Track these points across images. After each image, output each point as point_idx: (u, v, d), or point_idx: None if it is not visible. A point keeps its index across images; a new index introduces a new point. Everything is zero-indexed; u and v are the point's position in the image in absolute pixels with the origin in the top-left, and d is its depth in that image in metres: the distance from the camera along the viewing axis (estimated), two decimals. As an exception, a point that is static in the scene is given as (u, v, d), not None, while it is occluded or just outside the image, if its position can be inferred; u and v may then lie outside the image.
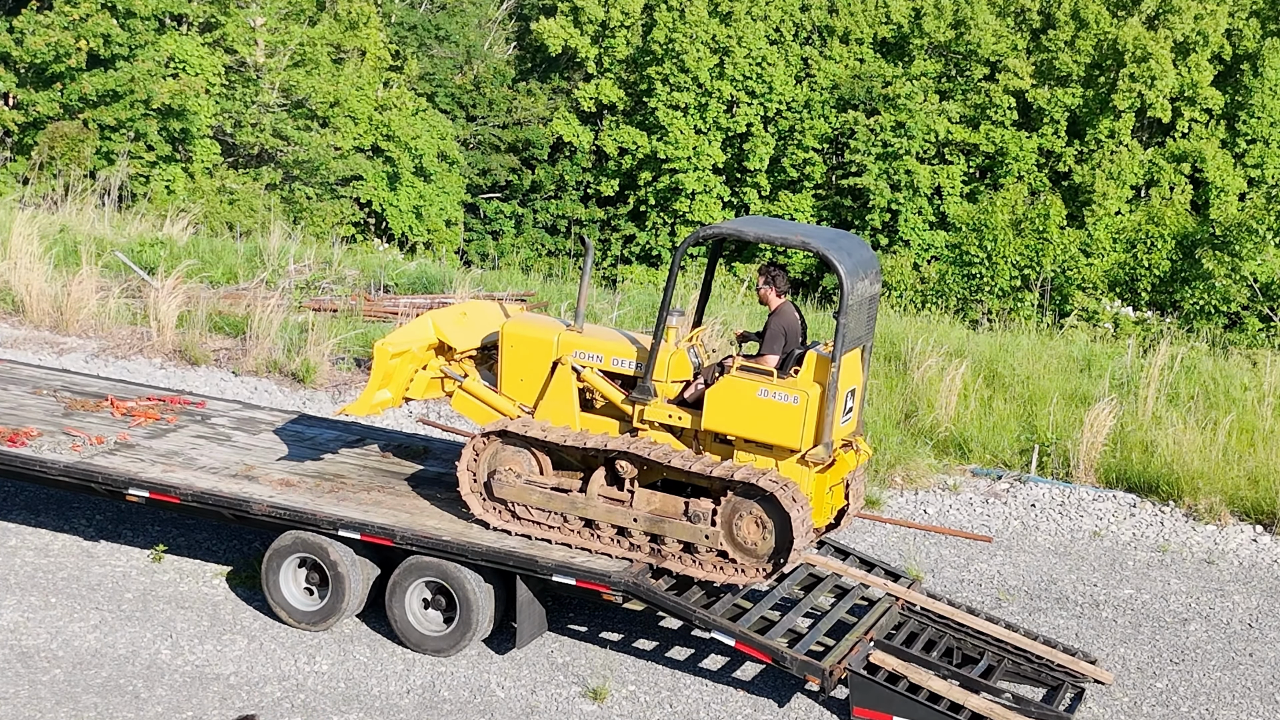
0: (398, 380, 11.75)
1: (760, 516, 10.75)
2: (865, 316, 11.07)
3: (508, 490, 11.34)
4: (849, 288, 10.56)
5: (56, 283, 20.02)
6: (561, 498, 11.22)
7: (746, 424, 10.82)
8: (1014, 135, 41.78)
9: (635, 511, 11.04)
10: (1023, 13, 44.16)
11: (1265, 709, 11.33)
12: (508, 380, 11.65)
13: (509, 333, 11.65)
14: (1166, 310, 34.86)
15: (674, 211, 44.85)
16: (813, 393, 10.67)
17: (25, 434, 12.72)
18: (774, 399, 10.69)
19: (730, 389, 10.82)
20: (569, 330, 11.55)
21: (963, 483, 15.62)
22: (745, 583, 10.94)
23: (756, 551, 10.83)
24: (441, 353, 11.96)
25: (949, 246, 38.92)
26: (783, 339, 11.12)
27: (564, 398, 11.42)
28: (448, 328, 11.87)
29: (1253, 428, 16.13)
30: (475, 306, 12.39)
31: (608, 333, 11.84)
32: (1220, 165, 39.95)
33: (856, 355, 11.10)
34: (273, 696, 10.56)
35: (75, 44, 31.80)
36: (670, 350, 11.23)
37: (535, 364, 11.52)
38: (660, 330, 11.16)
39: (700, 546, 10.94)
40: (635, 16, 47.11)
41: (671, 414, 11.14)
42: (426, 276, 22.38)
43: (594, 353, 11.40)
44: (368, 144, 39.90)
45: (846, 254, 10.78)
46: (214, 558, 12.81)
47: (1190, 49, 41.04)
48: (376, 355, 11.56)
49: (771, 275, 11.35)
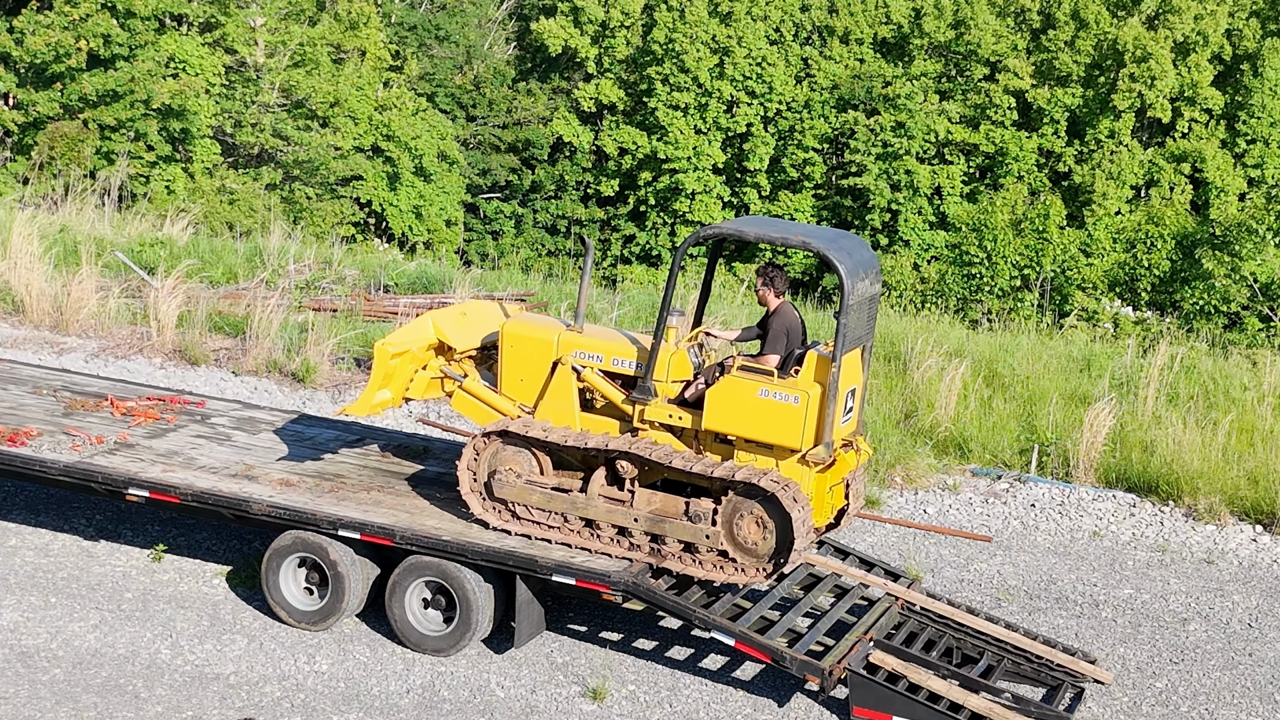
0: (398, 380, 11.76)
1: (761, 516, 10.76)
2: (865, 316, 11.08)
3: (508, 490, 11.35)
4: (849, 287, 10.57)
5: (56, 283, 20.02)
6: (562, 498, 11.22)
7: (747, 424, 10.82)
8: (1014, 135, 41.79)
9: (636, 511, 11.05)
10: (1023, 13, 44.16)
11: (1265, 709, 11.33)
12: (508, 380, 11.66)
13: (509, 333, 11.66)
14: (1166, 310, 34.86)
15: (674, 211, 44.85)
16: (813, 393, 10.68)
17: (25, 434, 12.72)
18: (774, 399, 10.70)
19: (731, 389, 10.82)
20: (569, 330, 11.56)
21: (962, 482, 15.63)
22: (745, 582, 10.95)
23: (757, 551, 10.84)
24: (441, 353, 11.97)
25: (949, 246, 38.93)
26: (784, 339, 11.13)
27: (564, 398, 11.43)
28: (448, 328, 11.88)
29: (1252, 428, 16.13)
30: (475, 306, 12.40)
31: (608, 333, 11.85)
32: (1220, 165, 39.95)
33: (857, 355, 11.11)
34: (272, 696, 10.56)
35: (75, 44, 31.79)
36: (671, 350, 11.24)
37: (535, 364, 11.52)
38: (661, 330, 11.16)
39: (701, 546, 10.95)
40: (635, 16, 47.11)
41: (672, 414, 11.15)
42: (426, 276, 22.38)
43: (594, 353, 11.40)
44: (368, 144, 39.90)
45: (847, 254, 10.79)
46: (214, 557, 12.81)
47: (1190, 49, 41.05)
48: (377, 355, 11.57)
49: (770, 276, 11.36)
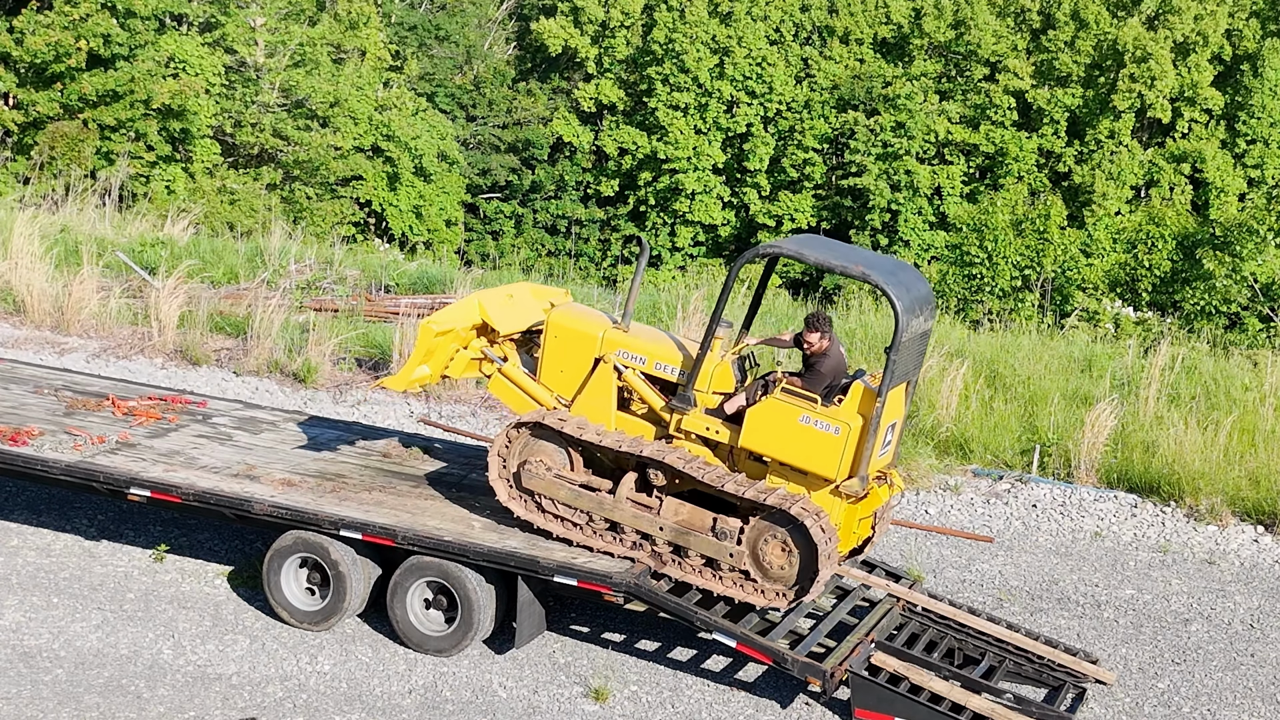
0: (438, 358, 11.67)
1: (787, 542, 10.67)
2: (915, 352, 10.95)
3: (536, 482, 11.29)
4: (903, 324, 10.44)
5: (57, 283, 20.01)
6: (589, 496, 11.16)
7: (785, 448, 10.73)
8: (1014, 135, 41.79)
9: (662, 520, 10.96)
10: (1023, 13, 44.17)
11: (1267, 709, 11.33)
12: (548, 370, 11.57)
13: (554, 322, 11.57)
14: (1167, 310, 34.83)
15: (674, 211, 44.87)
16: (855, 424, 10.57)
17: (27, 433, 12.71)
18: (816, 427, 10.60)
19: (773, 411, 10.72)
20: (615, 328, 11.45)
21: (964, 483, 15.62)
22: (764, 605, 10.86)
23: (779, 576, 10.76)
24: (484, 333, 11.87)
25: (949, 247, 38.88)
26: (827, 381, 10.93)
27: (602, 396, 11.35)
28: (493, 310, 11.76)
29: (1254, 428, 16.12)
30: (522, 290, 12.28)
31: (654, 334, 11.71)
32: (1220, 165, 39.96)
33: (901, 389, 11.00)
34: (275, 697, 10.56)
35: (75, 44, 31.76)
36: (716, 361, 11.15)
37: (577, 358, 11.43)
38: (708, 341, 11.04)
39: (724, 564, 10.87)
40: (635, 16, 47.12)
41: (710, 426, 11.05)
42: (427, 276, 22.37)
43: (638, 354, 11.31)
44: (368, 144, 39.90)
45: (905, 289, 10.64)
46: (216, 558, 12.81)
47: (1190, 49, 41.05)
48: (420, 333, 11.49)
49: (818, 324, 11.05)
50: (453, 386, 17.26)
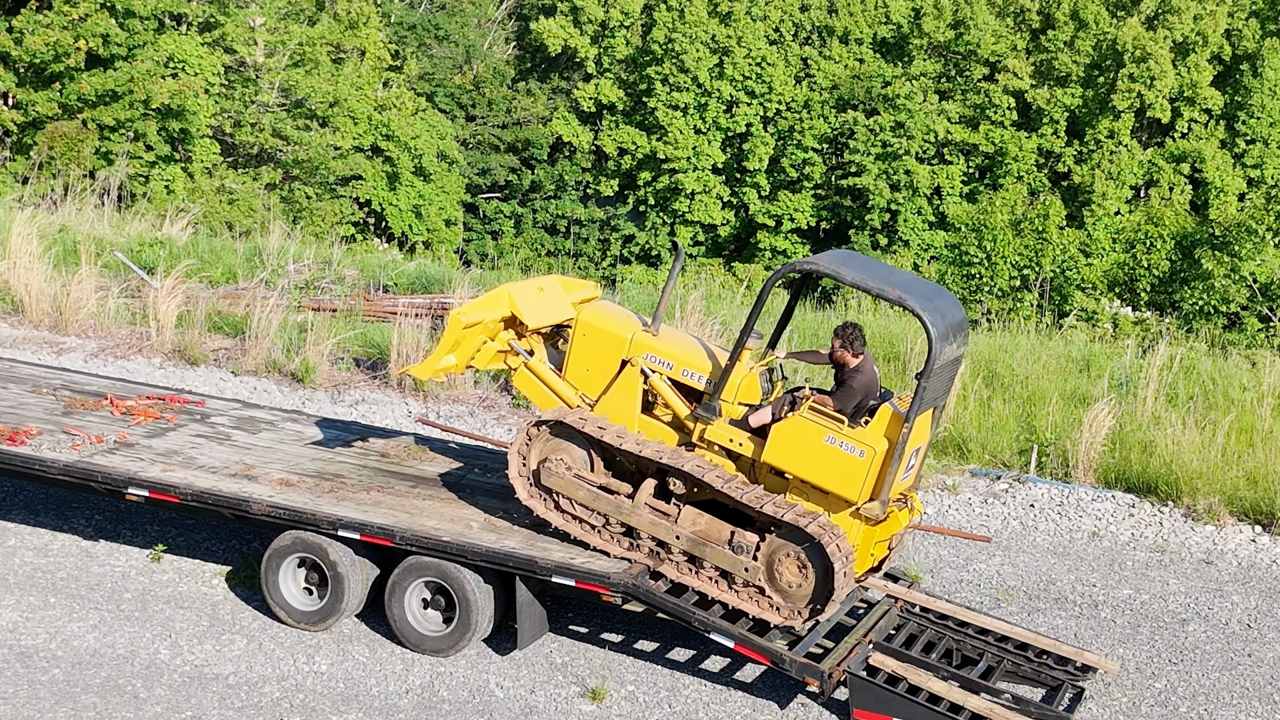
0: (465, 348, 11.62)
1: (803, 560, 10.61)
2: (946, 378, 10.87)
3: (555, 480, 11.24)
4: (936, 351, 10.34)
5: (56, 282, 20.01)
6: (608, 499, 11.10)
7: (808, 467, 10.64)
8: (1013, 135, 41.80)
9: (679, 529, 10.89)
10: (1022, 13, 44.17)
11: (1264, 709, 11.33)
12: (574, 368, 11.51)
13: (583, 320, 11.50)
14: (1166, 310, 34.83)
15: (673, 211, 44.88)
16: (880, 448, 10.49)
17: (25, 433, 12.71)
18: (840, 448, 10.51)
19: (798, 429, 10.63)
20: (644, 330, 11.36)
21: (962, 483, 15.62)
22: (778, 621, 10.78)
23: (793, 593, 10.70)
24: (512, 326, 11.82)
25: (948, 247, 38.91)
26: (858, 399, 10.84)
27: (627, 398, 11.28)
28: (523, 302, 11.67)
29: (1252, 428, 16.11)
30: (552, 283, 12.19)
31: (683, 340, 11.60)
32: (1220, 165, 39.97)
33: (929, 415, 10.94)
34: (272, 696, 10.56)
35: (74, 44, 31.78)
36: (744, 373, 11.09)
37: (604, 358, 11.36)
38: (738, 352, 10.95)
39: (738, 577, 10.83)
40: (635, 16, 47.14)
41: (733, 438, 10.97)
42: (426, 276, 22.36)
43: (666, 359, 11.23)
44: (367, 144, 39.92)
45: (940, 315, 10.52)
46: (213, 558, 12.80)
47: (1190, 49, 41.06)
48: (449, 323, 11.45)
49: (849, 338, 10.90)
50: (451, 386, 17.27)
